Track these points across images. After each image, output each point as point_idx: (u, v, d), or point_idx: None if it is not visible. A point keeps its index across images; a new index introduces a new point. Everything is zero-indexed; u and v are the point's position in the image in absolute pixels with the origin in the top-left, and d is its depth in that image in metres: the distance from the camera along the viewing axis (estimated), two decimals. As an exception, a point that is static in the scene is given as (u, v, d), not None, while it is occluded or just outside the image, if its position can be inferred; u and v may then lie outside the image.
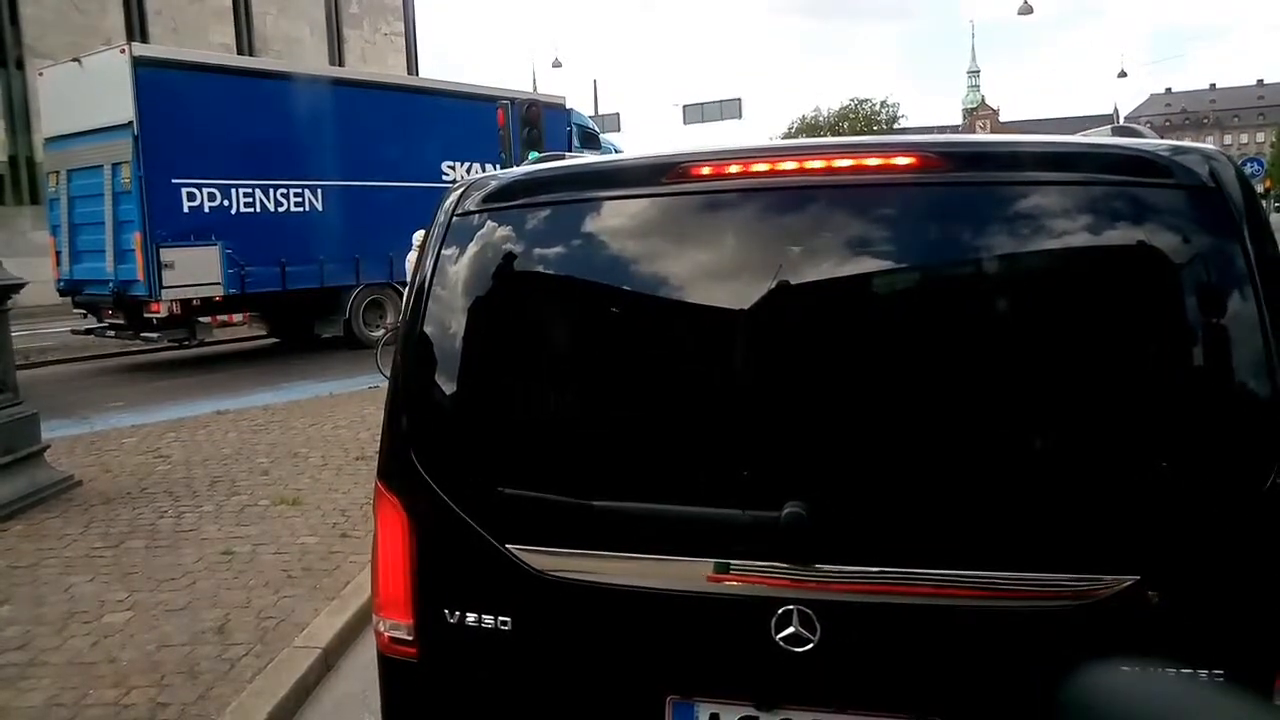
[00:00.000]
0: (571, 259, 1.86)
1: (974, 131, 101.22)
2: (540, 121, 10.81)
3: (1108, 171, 1.67)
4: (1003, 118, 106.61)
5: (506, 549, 1.80)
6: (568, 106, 17.62)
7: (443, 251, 1.92)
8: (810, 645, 1.65)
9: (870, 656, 1.66)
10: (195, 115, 12.07)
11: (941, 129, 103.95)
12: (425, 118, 14.77)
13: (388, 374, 10.11)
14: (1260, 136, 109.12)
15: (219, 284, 12.43)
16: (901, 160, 1.73)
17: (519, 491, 1.84)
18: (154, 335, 12.54)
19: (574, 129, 17.71)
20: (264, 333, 15.41)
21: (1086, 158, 1.73)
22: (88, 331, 13.44)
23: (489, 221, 1.90)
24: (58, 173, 12.95)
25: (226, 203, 12.50)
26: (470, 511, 1.83)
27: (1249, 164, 29.57)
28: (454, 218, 1.94)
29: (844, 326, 1.72)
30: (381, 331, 12.93)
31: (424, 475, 1.87)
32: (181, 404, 9.73)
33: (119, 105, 11.63)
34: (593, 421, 1.85)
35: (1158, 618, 1.57)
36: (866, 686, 1.67)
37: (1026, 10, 31.16)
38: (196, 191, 12.17)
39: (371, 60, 33.82)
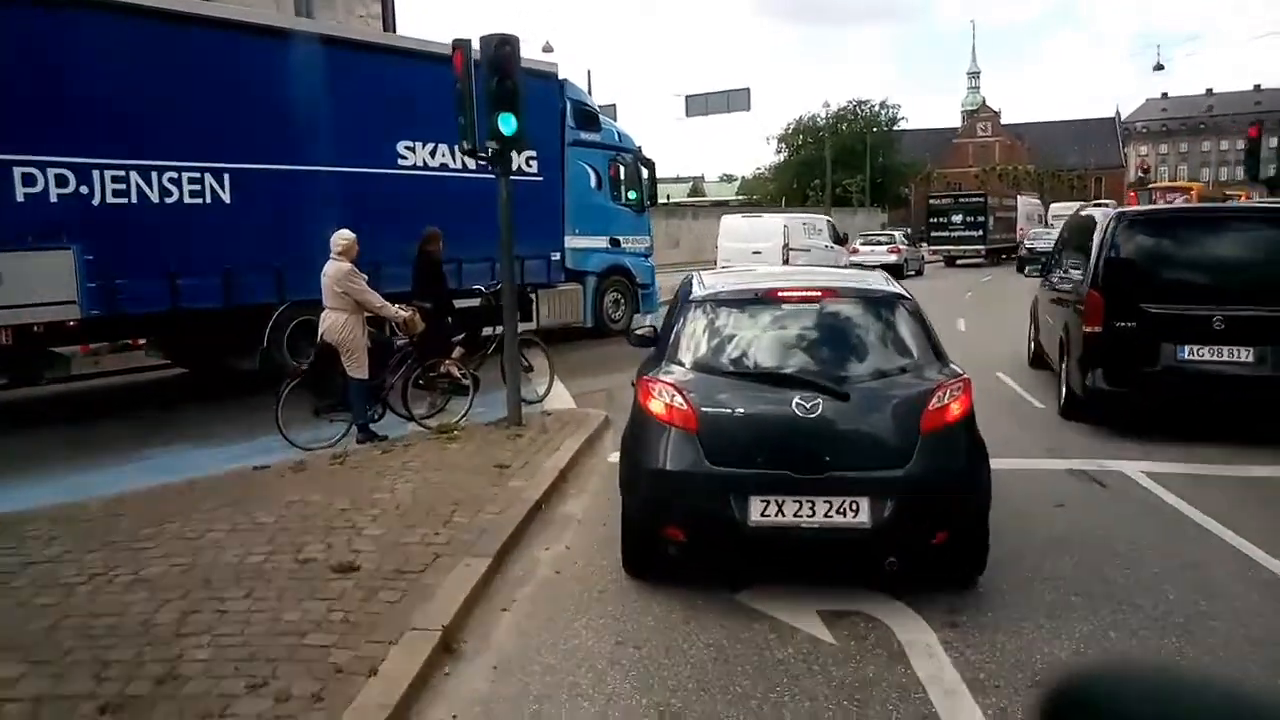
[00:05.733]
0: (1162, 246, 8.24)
1: (975, 134, 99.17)
2: (515, 70, 7.35)
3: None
4: (1004, 120, 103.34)
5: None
6: (561, 78, 14.16)
7: (1119, 242, 8.09)
8: None
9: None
10: (34, 67, 8.52)
11: (941, 131, 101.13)
12: (375, 84, 11.22)
13: (289, 435, 5.56)
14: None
15: (73, 302, 8.84)
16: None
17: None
18: (-19, 374, 9.01)
19: (569, 105, 14.28)
20: (166, 361, 11.92)
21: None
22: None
23: (1132, 229, 8.23)
24: None
25: (85, 190, 8.88)
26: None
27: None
28: (1119, 228, 8.17)
29: None
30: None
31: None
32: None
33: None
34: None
35: None
36: None
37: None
38: (37, 174, 8.56)
39: (341, 40, 30.27)
